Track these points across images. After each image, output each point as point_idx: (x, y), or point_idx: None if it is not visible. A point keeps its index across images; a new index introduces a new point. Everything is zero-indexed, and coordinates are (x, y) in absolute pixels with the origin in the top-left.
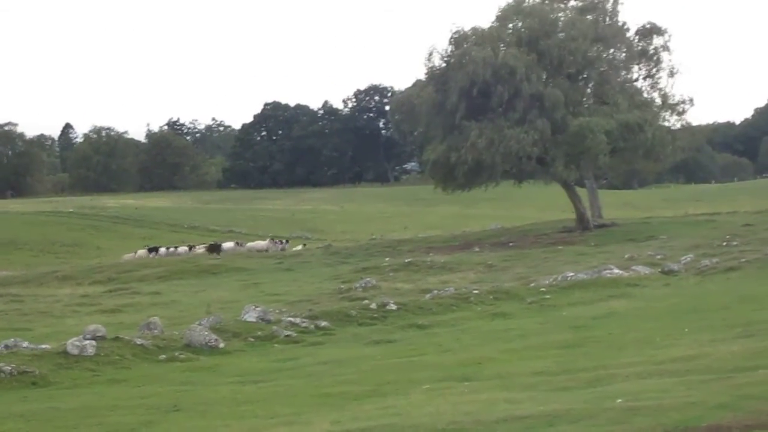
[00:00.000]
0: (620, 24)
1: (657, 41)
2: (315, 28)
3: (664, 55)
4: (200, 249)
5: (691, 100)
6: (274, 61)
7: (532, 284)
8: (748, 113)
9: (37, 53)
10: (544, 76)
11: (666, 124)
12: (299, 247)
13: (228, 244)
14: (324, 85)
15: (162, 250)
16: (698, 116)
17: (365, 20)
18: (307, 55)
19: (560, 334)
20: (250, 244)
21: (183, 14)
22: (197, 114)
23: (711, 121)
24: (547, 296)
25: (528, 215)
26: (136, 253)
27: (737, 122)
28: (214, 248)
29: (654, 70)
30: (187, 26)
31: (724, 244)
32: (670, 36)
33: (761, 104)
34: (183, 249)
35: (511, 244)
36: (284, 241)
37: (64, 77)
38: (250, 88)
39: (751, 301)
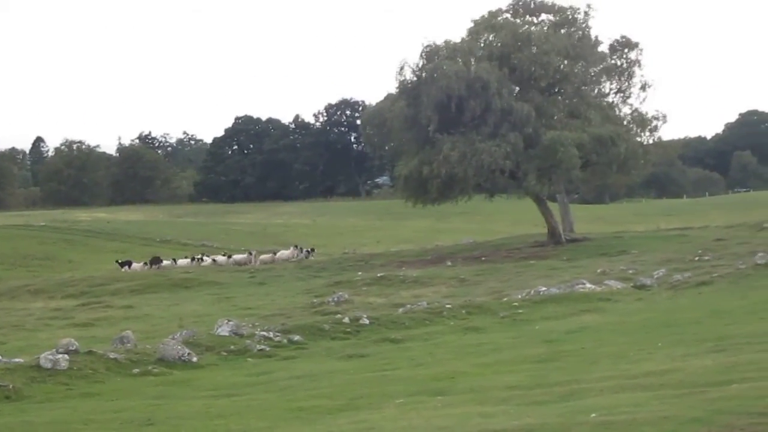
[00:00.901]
0: (593, 38)
1: (629, 55)
2: (286, 42)
3: (636, 70)
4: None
5: (664, 117)
6: (245, 75)
7: (505, 298)
8: (720, 128)
9: (7, 66)
10: (516, 90)
11: (638, 139)
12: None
13: (239, 256)
14: (295, 99)
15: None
16: (670, 131)
17: (336, 34)
18: (279, 69)
19: (533, 348)
20: (264, 256)
21: (154, 28)
22: (168, 127)
23: (682, 136)
24: (520, 310)
25: (500, 229)
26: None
27: (709, 137)
28: (155, 261)
29: (626, 84)
30: (159, 40)
31: (696, 258)
32: (641, 50)
33: (732, 119)
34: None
35: (483, 258)
36: (309, 249)
37: (35, 90)
38: (222, 101)
39: (723, 315)
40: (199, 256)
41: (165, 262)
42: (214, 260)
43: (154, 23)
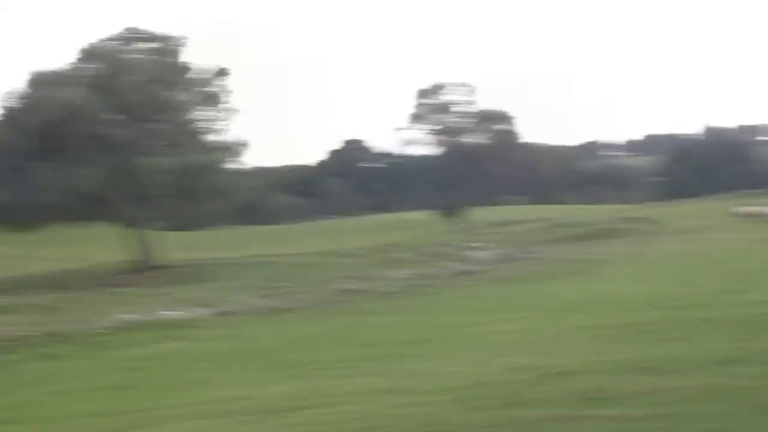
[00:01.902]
0: (185, 65)
1: (219, 83)
2: None
3: (224, 96)
4: None
5: (245, 143)
6: None
7: (87, 326)
8: (325, 156)
9: None
10: (114, 118)
11: (232, 166)
12: None
13: None
14: None
15: None
16: (269, 159)
17: None
18: None
19: (110, 375)
20: None
21: None
22: None
23: (280, 164)
24: (101, 338)
25: (92, 257)
26: None
27: (312, 164)
28: None
29: (215, 111)
30: None
31: (282, 285)
32: (229, 77)
33: (338, 147)
34: None
35: (69, 286)
36: None
37: None
38: None
39: (304, 342)
40: None
41: None
42: None
43: None
